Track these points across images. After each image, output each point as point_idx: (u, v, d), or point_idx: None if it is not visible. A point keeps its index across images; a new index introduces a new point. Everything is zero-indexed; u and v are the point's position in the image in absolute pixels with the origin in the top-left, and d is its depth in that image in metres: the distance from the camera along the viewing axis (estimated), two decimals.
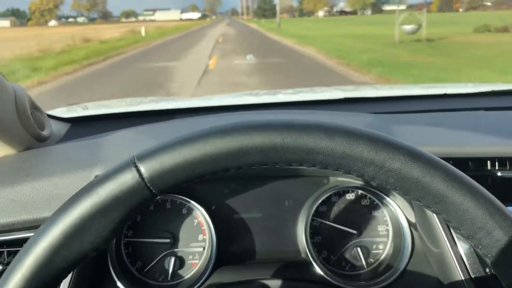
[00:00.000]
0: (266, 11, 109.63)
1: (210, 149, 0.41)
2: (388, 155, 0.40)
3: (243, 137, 0.41)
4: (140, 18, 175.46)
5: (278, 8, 35.23)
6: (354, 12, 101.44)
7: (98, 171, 0.66)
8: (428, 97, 1.23)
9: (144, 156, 0.41)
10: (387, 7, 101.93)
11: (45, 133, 0.83)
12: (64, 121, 1.02)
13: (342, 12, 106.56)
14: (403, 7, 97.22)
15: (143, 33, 22.92)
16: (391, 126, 0.80)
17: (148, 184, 0.40)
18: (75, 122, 1.03)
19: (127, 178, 0.40)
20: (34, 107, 0.83)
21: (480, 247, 0.40)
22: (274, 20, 73.23)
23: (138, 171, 0.40)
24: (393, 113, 0.97)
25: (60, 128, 0.97)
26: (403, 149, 0.41)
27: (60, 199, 0.63)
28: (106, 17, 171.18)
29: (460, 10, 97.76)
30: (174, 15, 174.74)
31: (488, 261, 0.41)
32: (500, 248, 0.39)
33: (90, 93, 6.92)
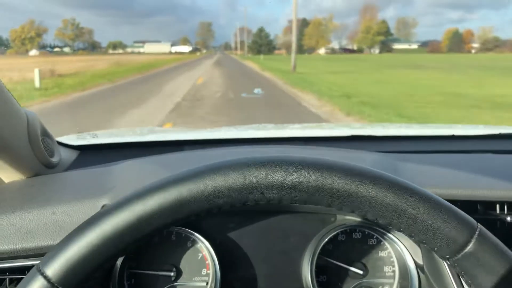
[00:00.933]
0: (261, 46, 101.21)
1: (109, 229, 0.40)
2: (284, 174, 0.41)
3: (149, 201, 0.41)
4: (129, 49, 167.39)
5: (294, 45, 22.93)
6: (359, 50, 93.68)
7: (105, 201, 0.66)
8: (435, 138, 1.23)
9: (49, 259, 0.40)
10: (397, 46, 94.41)
11: (54, 160, 0.84)
12: (73, 148, 1.02)
13: (346, 50, 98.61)
14: (414, 46, 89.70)
15: (36, 82, 11.56)
16: (396, 165, 0.79)
17: (60, 287, 0.39)
18: (84, 149, 1.04)
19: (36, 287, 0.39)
20: (45, 134, 0.83)
21: (401, 229, 0.41)
22: (273, 57, 64.76)
23: (45, 277, 0.39)
24: (399, 153, 0.95)
25: (69, 155, 0.97)
26: (295, 164, 0.42)
27: (65, 227, 0.63)
28: (92, 48, 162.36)
29: (473, 51, 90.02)
30: (164, 47, 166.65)
31: (413, 240, 0.42)
32: (419, 225, 0.40)
33: None
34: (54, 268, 0.40)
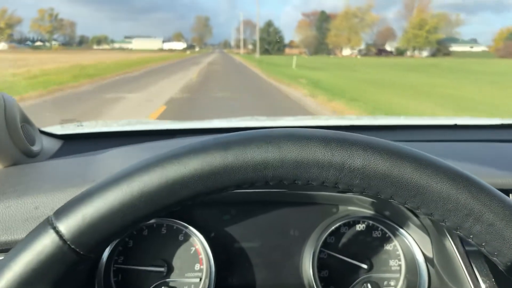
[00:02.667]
0: (270, 45, 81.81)
1: (138, 189, 0.35)
2: (346, 154, 0.36)
3: (176, 167, 0.36)
4: (117, 45, 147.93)
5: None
6: (400, 52, 73.52)
7: None
8: (436, 127, 1.21)
9: (63, 213, 0.35)
10: (455, 48, 74.23)
11: (35, 148, 0.80)
12: (56, 137, 0.99)
13: (382, 51, 78.81)
14: (478, 48, 70.30)
15: None
16: None
17: (73, 246, 0.35)
18: (68, 139, 1.01)
19: (45, 244, 0.34)
20: (25, 121, 0.79)
21: (471, 236, 0.37)
22: (285, 58, 46.46)
23: (57, 232, 0.35)
24: (401, 142, 0.91)
25: (52, 145, 0.94)
26: (361, 144, 0.36)
27: (40, 220, 0.57)
28: (71, 42, 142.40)
29: None
30: (155, 44, 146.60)
31: (484, 250, 0.37)
32: (494, 233, 0.35)
33: None
34: (69, 223, 0.35)
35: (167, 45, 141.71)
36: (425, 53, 69.90)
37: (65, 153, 0.88)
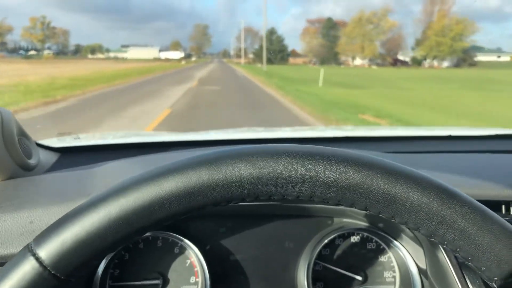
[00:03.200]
0: (273, 54, 75.73)
1: (115, 212, 0.35)
2: (319, 168, 0.36)
3: (152, 189, 0.36)
4: (112, 54, 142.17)
5: None
6: (416, 62, 66.36)
7: None
8: (431, 138, 1.22)
9: (42, 239, 0.36)
10: (481, 58, 67.13)
11: (32, 161, 0.80)
12: (53, 150, 0.98)
13: (397, 61, 72.10)
14: (507, 57, 63.67)
15: None
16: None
17: (53, 271, 0.35)
18: (65, 152, 1.01)
19: (26, 271, 0.34)
20: (22, 134, 0.79)
21: (445, 243, 0.37)
22: (296, 69, 39.89)
23: (37, 258, 0.35)
24: (396, 153, 0.93)
25: (49, 158, 0.93)
26: (332, 157, 0.37)
27: (35, 234, 0.56)
28: (65, 51, 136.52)
29: None
30: (151, 53, 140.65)
31: (459, 255, 0.37)
32: (467, 238, 0.36)
33: None
34: (49, 249, 0.35)
35: (164, 54, 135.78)
36: (445, 63, 62.81)
37: (62, 166, 0.87)
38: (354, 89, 16.37)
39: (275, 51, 75.82)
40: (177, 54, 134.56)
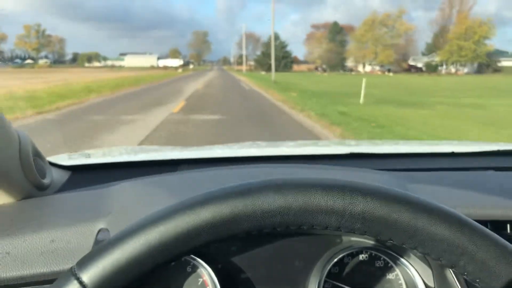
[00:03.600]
0: (276, 60, 71.09)
1: (155, 240, 0.38)
2: (347, 200, 0.38)
3: (189, 217, 0.38)
4: (109, 62, 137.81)
5: None
6: (431, 68, 58.18)
7: (102, 225, 0.64)
8: (434, 155, 1.23)
9: (85, 264, 0.38)
10: (505, 63, 56.53)
11: (46, 181, 0.82)
12: (64, 168, 1.00)
13: (412, 67, 66.68)
14: None
15: None
16: (406, 186, 0.78)
17: None
18: (75, 170, 1.03)
19: None
20: (37, 154, 0.81)
21: (466, 273, 0.39)
22: (308, 78, 35.04)
23: (81, 282, 0.37)
24: (400, 171, 0.96)
25: (61, 176, 0.95)
26: (361, 190, 0.39)
27: (58, 253, 0.60)
28: (62, 60, 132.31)
29: None
30: (149, 60, 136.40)
31: (479, 286, 0.39)
32: (488, 270, 0.37)
33: None
34: (91, 273, 0.37)
35: (163, 62, 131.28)
36: (464, 69, 56.84)
37: (74, 185, 0.90)
38: (408, 107, 11.46)
39: (279, 57, 71.20)
40: (176, 62, 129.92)
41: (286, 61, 71.81)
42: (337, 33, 73.57)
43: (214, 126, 7.56)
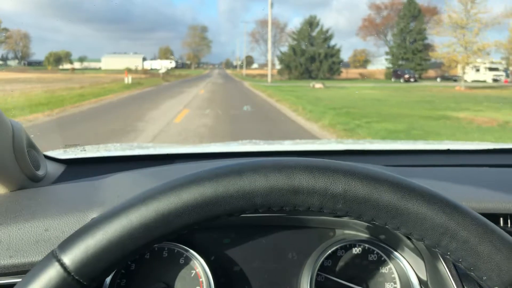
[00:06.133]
0: (314, 62, 42.60)
1: (136, 221, 0.37)
2: (328, 180, 0.38)
3: (171, 199, 0.38)
4: (85, 63, 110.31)
5: None
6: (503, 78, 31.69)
7: (94, 214, 0.63)
8: (430, 152, 1.24)
9: (66, 246, 0.37)
10: None
11: (40, 173, 0.82)
12: (60, 162, 1.01)
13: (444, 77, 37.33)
14: None
15: None
16: None
17: (77, 277, 0.36)
18: (71, 163, 1.02)
19: (51, 276, 0.36)
20: (31, 146, 0.81)
21: (448, 253, 0.39)
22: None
23: (62, 264, 0.36)
24: (396, 166, 0.96)
25: (56, 169, 0.95)
26: (341, 171, 0.39)
27: (51, 242, 0.60)
28: (30, 62, 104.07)
29: None
30: (133, 62, 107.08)
31: (461, 265, 0.39)
32: (469, 249, 0.37)
33: None
34: (73, 255, 0.37)
35: (150, 64, 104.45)
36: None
37: (69, 178, 0.89)
38: None
39: (320, 56, 42.80)
40: (165, 64, 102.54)
41: (332, 62, 43.13)
42: (413, 17, 45.06)
43: None
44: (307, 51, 43.11)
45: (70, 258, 0.36)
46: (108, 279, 0.69)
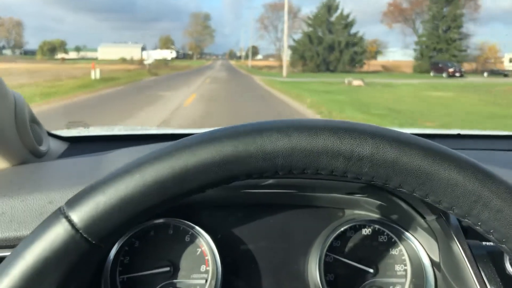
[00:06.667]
0: (333, 52, 36.53)
1: (150, 178, 0.36)
2: (355, 142, 0.36)
3: (187, 156, 0.36)
4: (82, 53, 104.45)
5: None
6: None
7: None
8: (440, 136, 1.26)
9: (75, 202, 0.36)
10: None
11: (42, 148, 0.81)
12: (63, 139, 1.01)
13: (494, 72, 30.92)
14: None
15: None
16: None
17: (85, 235, 0.35)
18: (74, 141, 1.03)
19: (58, 233, 0.35)
20: (34, 121, 0.80)
21: (479, 223, 0.37)
22: None
23: (70, 221, 0.35)
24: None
25: (58, 146, 0.96)
26: (369, 132, 0.37)
27: None
28: (22, 51, 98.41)
29: None
30: (132, 52, 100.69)
31: (492, 237, 0.37)
32: (502, 219, 0.35)
33: None
34: (82, 212, 0.35)
35: (149, 54, 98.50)
36: None
37: (72, 154, 0.89)
38: None
39: (340, 45, 36.60)
40: (166, 54, 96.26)
41: (354, 52, 36.88)
42: (447, 1, 38.59)
43: None
44: (324, 39, 36.68)
45: (78, 215, 0.35)
46: (111, 255, 0.67)
